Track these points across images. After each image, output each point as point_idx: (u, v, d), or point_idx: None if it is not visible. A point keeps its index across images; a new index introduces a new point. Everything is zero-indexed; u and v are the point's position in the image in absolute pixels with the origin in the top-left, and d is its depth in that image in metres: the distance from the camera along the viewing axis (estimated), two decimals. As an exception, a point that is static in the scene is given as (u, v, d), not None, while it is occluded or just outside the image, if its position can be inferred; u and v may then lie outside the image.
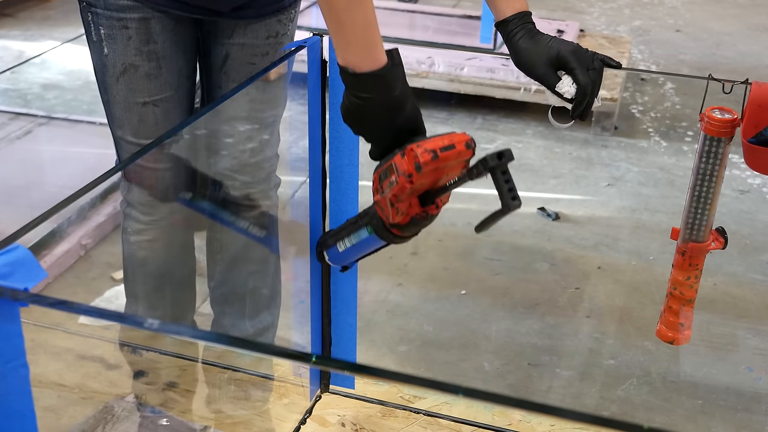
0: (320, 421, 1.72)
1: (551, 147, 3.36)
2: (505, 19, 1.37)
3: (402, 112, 1.16)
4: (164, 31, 1.54)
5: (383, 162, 1.17)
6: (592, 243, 2.71)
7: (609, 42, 4.09)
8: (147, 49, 1.54)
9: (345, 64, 1.14)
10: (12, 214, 2.55)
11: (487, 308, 2.37)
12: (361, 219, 1.27)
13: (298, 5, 1.68)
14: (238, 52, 1.63)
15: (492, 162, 1.08)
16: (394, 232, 1.21)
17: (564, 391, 2.07)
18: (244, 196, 1.77)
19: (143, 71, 1.55)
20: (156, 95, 1.58)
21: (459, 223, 2.81)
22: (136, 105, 1.58)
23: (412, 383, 0.80)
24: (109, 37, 1.53)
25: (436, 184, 1.16)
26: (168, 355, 1.97)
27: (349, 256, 1.34)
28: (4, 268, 0.82)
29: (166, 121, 1.61)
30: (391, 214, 1.17)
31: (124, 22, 1.51)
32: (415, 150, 1.11)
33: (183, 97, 1.63)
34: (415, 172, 1.11)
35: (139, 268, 1.79)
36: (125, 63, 1.54)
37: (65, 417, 1.84)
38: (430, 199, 1.18)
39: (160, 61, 1.56)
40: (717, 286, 2.49)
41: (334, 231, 1.35)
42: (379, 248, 1.30)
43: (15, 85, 3.75)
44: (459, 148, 1.12)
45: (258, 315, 1.88)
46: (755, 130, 1.33)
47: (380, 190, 1.18)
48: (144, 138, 1.61)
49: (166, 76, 1.58)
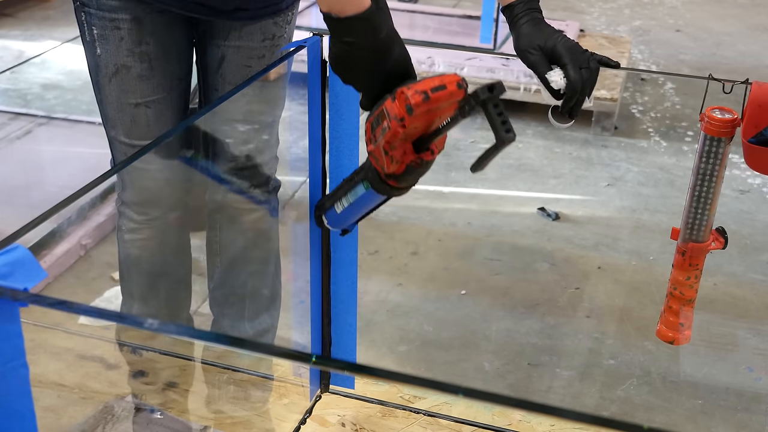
0: (320, 421, 1.72)
1: (551, 147, 3.36)
2: (510, 4, 1.37)
3: (389, 56, 1.14)
4: (157, 32, 1.54)
5: (374, 109, 1.14)
6: (592, 243, 2.71)
7: (609, 42, 4.08)
8: (139, 50, 1.53)
9: (328, 10, 1.12)
10: (12, 214, 2.55)
11: (487, 308, 2.37)
12: (357, 175, 1.24)
13: (295, 7, 1.67)
14: (234, 54, 1.62)
15: (483, 95, 1.03)
16: (391, 183, 1.18)
17: (564, 391, 2.07)
18: (242, 200, 1.77)
19: (135, 72, 1.55)
20: (148, 97, 1.58)
21: (459, 223, 2.81)
22: (128, 106, 1.58)
23: (412, 383, 0.80)
24: (102, 37, 1.53)
25: (429, 127, 1.13)
26: (168, 355, 1.97)
27: (348, 217, 1.31)
28: (4, 268, 0.82)
29: (158, 122, 1.61)
30: (386, 163, 1.14)
31: (117, 22, 1.51)
32: (405, 92, 1.08)
33: (176, 98, 1.63)
34: (406, 115, 1.08)
35: (134, 266, 1.79)
36: (117, 64, 1.54)
37: (65, 417, 1.84)
38: (424, 145, 1.14)
39: (152, 62, 1.55)
40: (717, 286, 2.49)
41: (330, 193, 1.31)
42: (378, 205, 1.26)
43: (15, 85, 3.75)
44: (450, 89, 1.09)
45: (258, 317, 1.88)
46: (755, 130, 1.33)
47: (373, 139, 1.14)
48: (136, 139, 1.61)
49: (159, 78, 1.57)
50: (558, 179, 3.13)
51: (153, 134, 1.61)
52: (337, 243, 1.61)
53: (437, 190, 3.02)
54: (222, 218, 1.82)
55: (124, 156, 1.64)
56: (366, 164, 1.21)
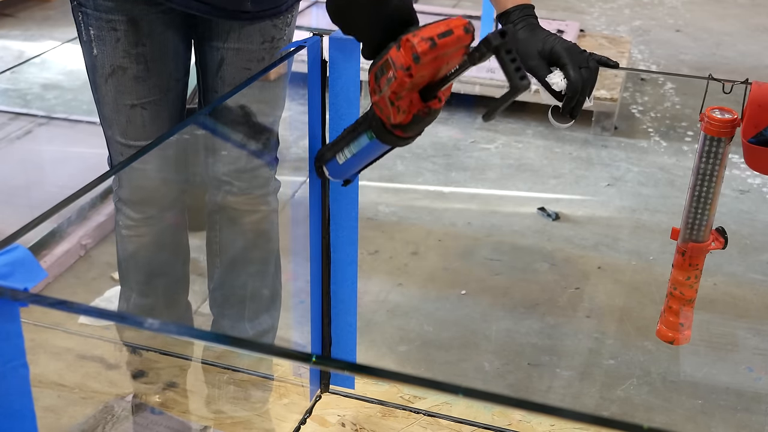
0: (320, 421, 1.72)
1: (551, 147, 3.36)
2: (506, 10, 1.37)
3: (389, 2, 1.11)
4: (153, 34, 1.53)
5: (378, 59, 1.09)
6: (592, 243, 2.71)
7: (609, 42, 4.09)
8: (135, 51, 1.53)
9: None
10: (12, 214, 2.55)
11: (487, 308, 2.37)
12: (360, 125, 1.19)
13: (295, 9, 1.66)
14: (234, 57, 1.62)
15: (495, 41, 1.00)
16: (397, 133, 1.13)
17: (564, 391, 2.07)
18: (242, 201, 1.76)
19: (131, 73, 1.55)
20: (144, 98, 1.58)
21: (459, 223, 2.81)
22: (125, 107, 1.58)
23: (412, 383, 0.80)
24: (99, 38, 1.52)
25: (436, 75, 1.09)
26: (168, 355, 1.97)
27: (350, 168, 1.26)
28: (4, 268, 0.82)
29: (154, 123, 1.61)
30: (392, 114, 1.09)
31: (113, 23, 1.50)
32: (411, 40, 1.03)
33: (173, 99, 1.63)
34: (413, 63, 1.04)
35: (131, 260, 1.79)
36: (113, 65, 1.54)
37: (65, 417, 1.84)
38: (431, 93, 1.10)
39: (148, 63, 1.55)
40: (717, 286, 2.49)
41: (331, 143, 1.27)
42: (382, 154, 1.22)
43: (15, 85, 3.75)
44: (458, 33, 1.05)
45: (258, 317, 1.87)
46: (755, 130, 1.33)
47: (377, 90, 1.10)
48: (132, 139, 1.61)
49: (155, 79, 1.57)
50: (558, 179, 3.13)
51: (149, 135, 1.60)
52: (337, 243, 1.61)
53: (437, 190, 3.02)
54: (222, 219, 1.82)
55: (121, 156, 1.64)
56: (369, 113, 1.16)
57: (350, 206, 1.58)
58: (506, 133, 3.45)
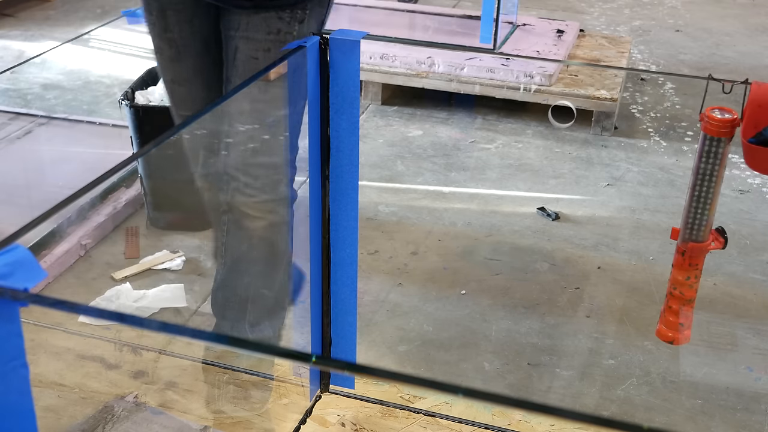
0: (320, 421, 1.72)
1: (551, 147, 3.36)
2: None
3: None
4: (180, 23, 1.71)
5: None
6: (592, 243, 2.71)
7: (609, 42, 4.08)
8: (166, 36, 1.74)
9: None
10: (12, 214, 2.55)
11: (487, 308, 2.37)
12: None
13: (308, 8, 1.65)
14: (245, 45, 1.67)
15: None
16: None
17: (564, 391, 2.07)
18: (250, 204, 1.74)
19: (167, 55, 1.78)
20: (178, 76, 1.81)
21: (459, 223, 2.81)
22: (166, 81, 1.85)
23: (412, 383, 0.80)
24: (147, 20, 1.77)
25: None
26: (168, 355, 1.97)
27: None
28: (4, 268, 0.82)
29: (186, 100, 1.83)
30: None
31: (150, 10, 1.74)
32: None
33: (203, 84, 1.80)
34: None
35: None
36: (154, 45, 1.78)
37: (65, 417, 1.84)
38: None
39: (179, 48, 1.75)
40: (717, 286, 2.49)
41: None
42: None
43: (15, 85, 3.75)
44: None
45: (259, 324, 1.87)
46: (755, 130, 1.33)
47: None
48: (176, 108, 1.88)
49: (186, 62, 1.77)
50: (558, 179, 3.13)
51: (187, 108, 1.83)
52: (337, 243, 1.61)
53: (437, 190, 3.02)
54: (229, 220, 1.80)
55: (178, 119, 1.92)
56: None
57: (350, 206, 1.58)
58: (506, 133, 3.45)
